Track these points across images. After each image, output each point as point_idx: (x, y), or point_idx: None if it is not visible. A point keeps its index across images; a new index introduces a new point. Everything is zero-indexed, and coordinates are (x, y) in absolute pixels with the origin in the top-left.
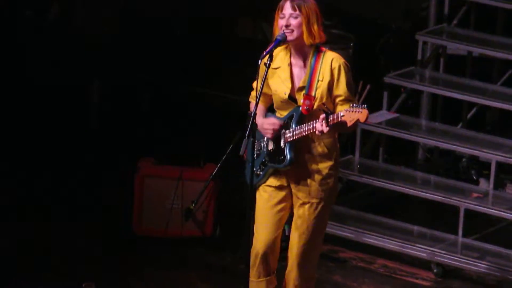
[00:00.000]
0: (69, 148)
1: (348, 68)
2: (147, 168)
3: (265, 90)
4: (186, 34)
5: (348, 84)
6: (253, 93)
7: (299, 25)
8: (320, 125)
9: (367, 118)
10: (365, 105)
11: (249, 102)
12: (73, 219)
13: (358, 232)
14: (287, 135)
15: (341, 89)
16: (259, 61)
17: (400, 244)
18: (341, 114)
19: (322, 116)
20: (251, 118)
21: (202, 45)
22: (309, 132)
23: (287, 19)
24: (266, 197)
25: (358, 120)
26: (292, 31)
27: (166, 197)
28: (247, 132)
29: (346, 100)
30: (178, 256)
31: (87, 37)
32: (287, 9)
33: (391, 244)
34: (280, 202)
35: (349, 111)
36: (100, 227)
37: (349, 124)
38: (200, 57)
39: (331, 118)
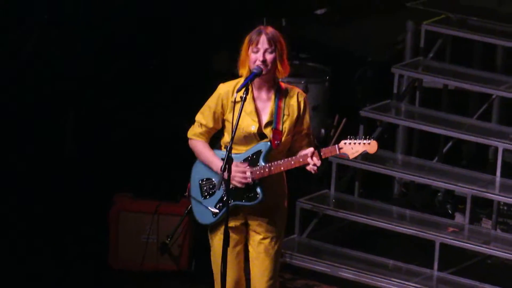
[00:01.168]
0: (43, 179)
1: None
2: (123, 202)
3: (213, 125)
4: (160, 66)
5: (309, 119)
6: (198, 129)
7: (274, 60)
8: (311, 159)
9: (377, 149)
10: (372, 137)
11: (188, 139)
12: (47, 252)
13: (333, 266)
14: (258, 172)
15: (305, 123)
16: (235, 94)
17: (376, 278)
18: (339, 147)
19: (311, 150)
20: (227, 152)
21: (176, 76)
22: (287, 168)
23: (263, 53)
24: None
25: (364, 152)
26: (267, 66)
27: (141, 231)
28: (222, 167)
29: (306, 134)
30: None
31: (62, 68)
32: (263, 43)
33: (366, 278)
34: (238, 243)
35: (350, 143)
36: (76, 261)
37: (351, 157)
38: (177, 89)
39: (323, 153)
